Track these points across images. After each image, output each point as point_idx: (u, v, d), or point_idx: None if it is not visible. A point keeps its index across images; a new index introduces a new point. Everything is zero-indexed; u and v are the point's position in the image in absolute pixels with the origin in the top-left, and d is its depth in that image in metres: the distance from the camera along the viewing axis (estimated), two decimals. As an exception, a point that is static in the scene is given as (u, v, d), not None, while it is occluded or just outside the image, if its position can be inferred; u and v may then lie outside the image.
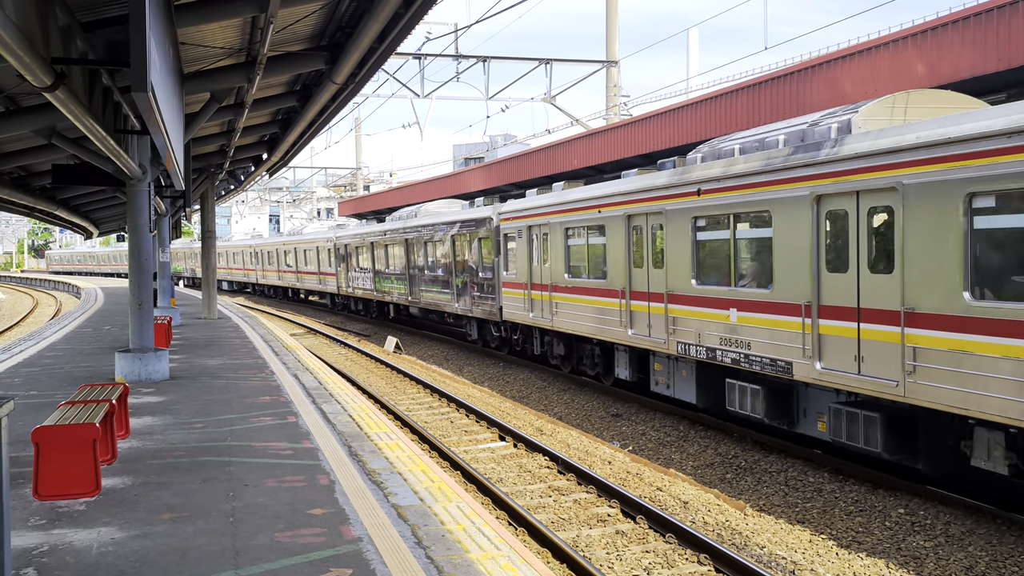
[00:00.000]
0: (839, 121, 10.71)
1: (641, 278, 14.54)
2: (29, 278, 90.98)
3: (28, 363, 15.96)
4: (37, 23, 6.50)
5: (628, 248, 14.86)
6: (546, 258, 18.09)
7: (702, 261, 12.86)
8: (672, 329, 13.53)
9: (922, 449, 9.65)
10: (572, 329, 17.03)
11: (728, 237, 12.18)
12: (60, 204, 21.88)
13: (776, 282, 11.15)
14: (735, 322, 12.02)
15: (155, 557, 5.66)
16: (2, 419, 4.15)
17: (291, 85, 14.89)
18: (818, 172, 10.35)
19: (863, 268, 9.75)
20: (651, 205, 13.97)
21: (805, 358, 10.62)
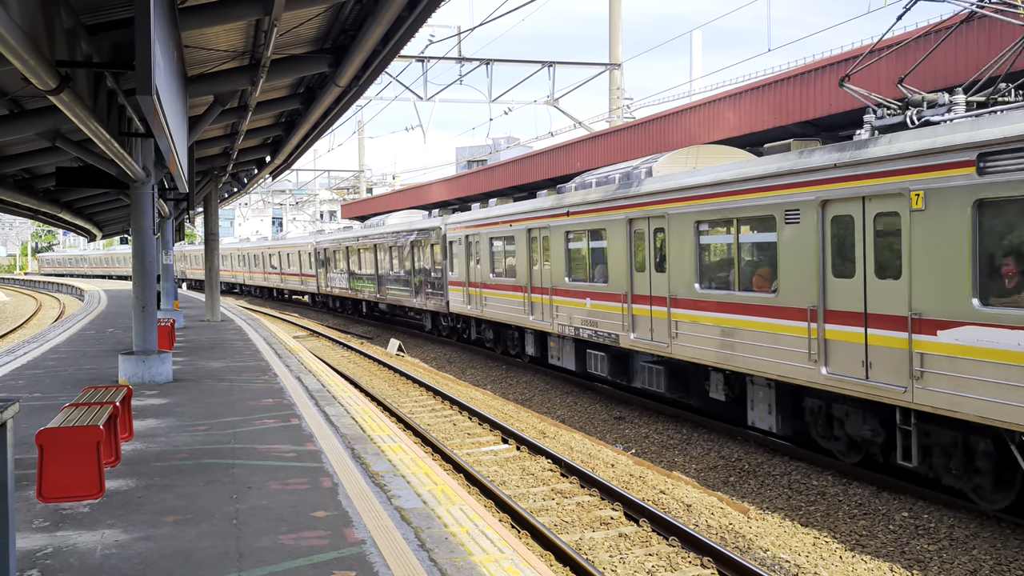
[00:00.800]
0: (647, 167, 14.95)
1: (538, 276, 18.80)
2: (33, 280, 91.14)
3: (32, 365, 15.98)
4: (42, 26, 6.51)
5: (529, 253, 19.19)
6: (477, 261, 22.30)
7: (571, 264, 17.23)
8: (555, 315, 17.90)
9: (690, 389, 14.25)
10: (497, 318, 21.25)
11: (584, 246, 16.62)
12: (64, 207, 21.92)
13: (610, 278, 15.61)
14: (590, 308, 16.45)
15: (159, 559, 5.66)
16: (7, 422, 4.16)
17: (295, 88, 14.91)
18: (630, 203, 14.77)
19: (651, 267, 14.32)
20: (541, 221, 18.41)
21: (625, 331, 15.12)
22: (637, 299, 14.75)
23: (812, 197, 10.53)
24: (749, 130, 17.75)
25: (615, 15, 27.68)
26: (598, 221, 15.83)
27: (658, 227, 14.03)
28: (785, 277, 11.10)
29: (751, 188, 11.63)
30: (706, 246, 12.89)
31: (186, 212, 28.45)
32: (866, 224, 9.82)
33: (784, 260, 11.10)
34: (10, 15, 5.37)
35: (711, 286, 12.73)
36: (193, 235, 76.98)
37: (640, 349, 14.65)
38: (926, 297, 9.03)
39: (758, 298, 11.66)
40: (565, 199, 17.29)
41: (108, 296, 43.77)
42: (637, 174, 15.00)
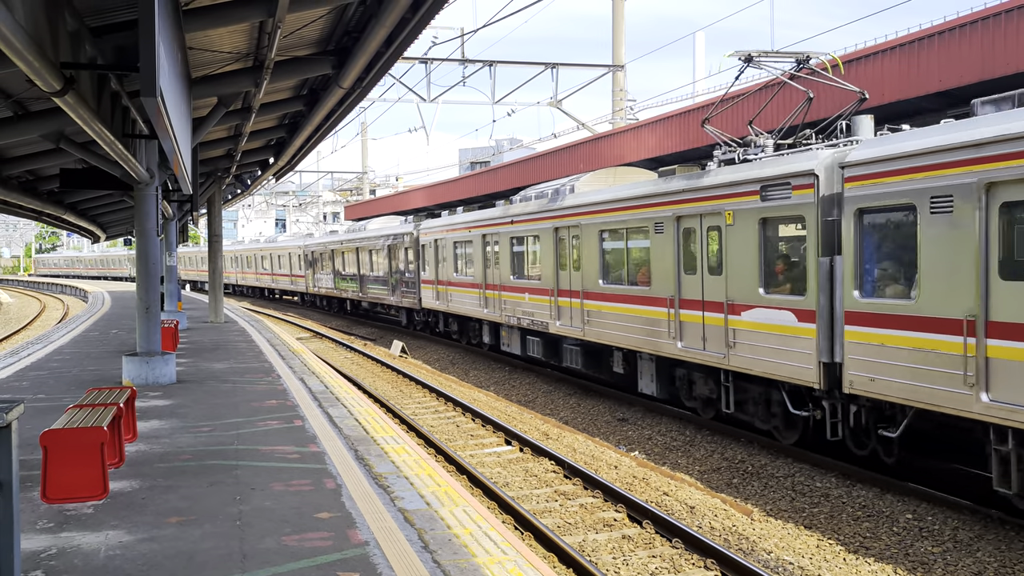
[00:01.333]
0: (571, 185, 17.95)
1: (491, 275, 21.70)
2: (36, 282, 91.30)
3: (36, 366, 16.01)
4: (46, 28, 6.53)
5: (484, 256, 22.07)
6: (445, 261, 25.16)
7: (515, 264, 20.27)
8: (503, 308, 20.87)
9: (601, 365, 17.20)
10: (460, 312, 24.31)
11: (524, 249, 19.79)
12: (68, 208, 21.96)
13: (542, 276, 18.68)
14: (528, 301, 19.41)
15: (162, 560, 5.67)
16: (12, 423, 4.17)
17: (298, 89, 14.93)
18: (555, 215, 17.96)
19: (571, 267, 17.32)
20: (492, 228, 21.48)
21: (552, 320, 18.20)
22: (561, 293, 17.91)
23: (670, 213, 13.77)
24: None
25: (618, 17, 27.68)
26: (534, 229, 19.08)
27: (575, 234, 17.18)
28: (656, 274, 14.26)
29: (635, 205, 14.79)
30: (607, 250, 16.10)
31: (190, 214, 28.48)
32: (702, 234, 13.03)
33: (654, 261, 14.26)
34: (15, 17, 5.38)
35: (611, 282, 15.91)
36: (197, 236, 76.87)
37: (564, 334, 17.86)
38: (735, 288, 12.17)
39: (640, 291, 14.77)
40: (511, 210, 20.45)
41: (112, 297, 43.83)
42: (563, 190, 18.16)
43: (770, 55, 12.97)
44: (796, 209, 11.00)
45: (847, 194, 10.14)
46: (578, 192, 17.44)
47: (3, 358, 17.77)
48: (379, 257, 31.71)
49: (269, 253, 51.70)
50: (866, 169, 9.90)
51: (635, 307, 14.85)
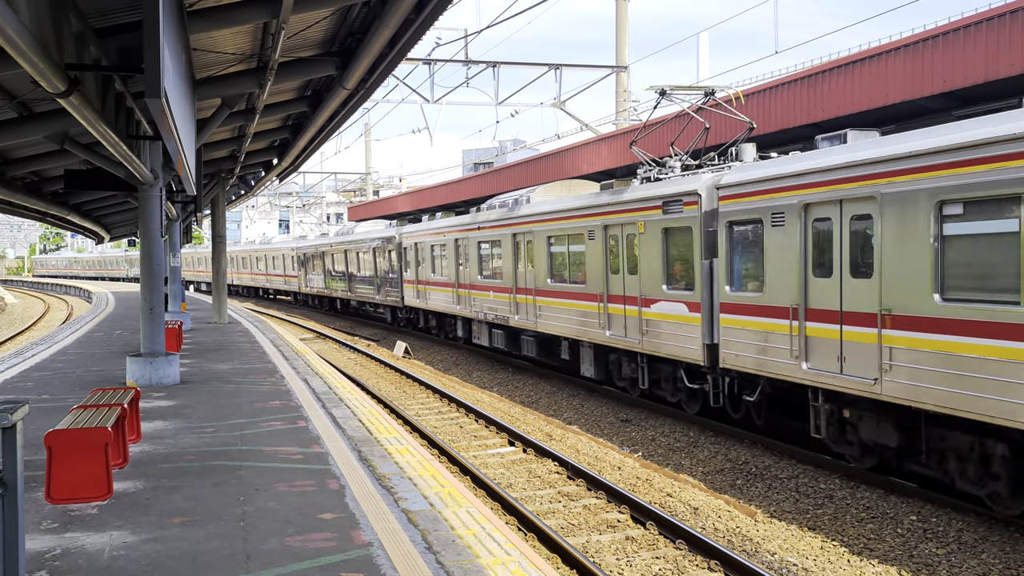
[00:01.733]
0: (527, 196, 20.61)
1: (462, 275, 24.33)
2: (41, 283, 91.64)
3: (40, 367, 16.04)
4: (51, 29, 6.54)
5: (456, 258, 24.65)
6: (424, 263, 27.81)
7: (482, 265, 22.74)
8: (472, 304, 23.46)
9: (552, 354, 19.75)
10: (438, 309, 26.74)
11: (490, 252, 22.16)
12: (72, 209, 21.99)
13: (503, 276, 21.18)
14: (493, 298, 21.87)
15: (166, 561, 5.67)
16: (17, 423, 4.17)
17: (302, 91, 14.94)
18: (513, 223, 20.52)
19: (526, 268, 19.86)
20: (463, 233, 24.02)
21: (512, 314, 20.75)
22: (519, 291, 20.44)
23: (600, 223, 16.38)
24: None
25: (622, 17, 27.68)
26: (496, 234, 21.59)
27: (529, 239, 19.70)
28: (589, 274, 16.81)
29: (574, 216, 17.42)
30: (553, 253, 18.61)
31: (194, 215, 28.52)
32: (623, 241, 15.60)
33: (588, 263, 16.85)
34: (20, 19, 5.39)
35: (556, 281, 18.43)
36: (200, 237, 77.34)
37: (522, 327, 20.34)
38: (646, 285, 14.80)
39: (578, 288, 17.36)
40: (478, 217, 22.89)
41: (116, 298, 43.90)
42: (521, 200, 20.80)
43: (681, 89, 15.74)
44: (686, 221, 13.67)
45: (720, 210, 12.84)
46: (532, 203, 20.09)
47: (8, 359, 17.80)
48: (366, 259, 34.28)
49: (264, 254, 54.19)
50: (733, 190, 12.53)
51: (575, 302, 17.63)
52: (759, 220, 11.96)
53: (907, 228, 9.54)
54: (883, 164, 9.83)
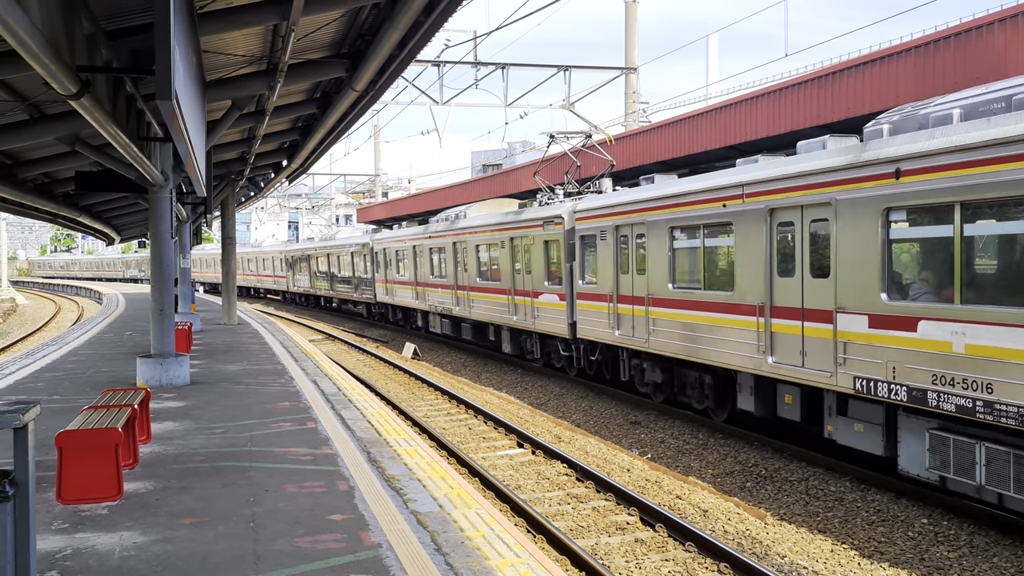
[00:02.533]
0: (464, 211, 25.36)
1: (419, 276, 28.86)
2: (52, 283, 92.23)
3: (51, 368, 16.11)
4: (63, 31, 6.57)
5: (415, 260, 29.35)
6: (391, 266, 32.26)
7: (432, 267, 27.64)
8: (427, 299, 28.19)
9: (484, 337, 24.46)
10: (402, 304, 31.35)
11: (438, 257, 26.98)
12: (83, 210, 22.08)
13: (447, 275, 26.17)
14: (441, 293, 26.79)
15: (176, 562, 5.69)
16: (28, 424, 4.19)
17: (311, 92, 14.97)
18: (453, 233, 25.27)
19: (462, 269, 24.60)
20: (419, 241, 28.80)
21: (454, 306, 25.50)
22: (459, 287, 25.15)
23: (508, 235, 21.60)
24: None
25: (631, 19, 27.66)
26: (442, 243, 26.53)
27: (464, 247, 24.67)
28: (502, 273, 21.93)
29: (493, 229, 22.53)
30: (479, 258, 23.58)
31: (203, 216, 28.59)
32: (521, 248, 20.85)
33: (502, 265, 21.96)
34: (32, 21, 5.42)
35: (483, 279, 23.33)
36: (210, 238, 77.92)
37: (461, 316, 25.29)
38: (536, 281, 20.01)
39: (495, 284, 22.46)
40: (429, 228, 27.80)
41: (126, 299, 44.06)
42: (461, 215, 25.74)
43: (563, 133, 21.64)
44: (556, 236, 19.02)
45: (577, 228, 18.14)
46: (468, 217, 24.97)
47: (19, 359, 17.88)
48: (345, 261, 39.30)
49: (255, 256, 59.24)
50: (583, 214, 17.88)
51: (495, 295, 22.56)
52: (594, 235, 17.31)
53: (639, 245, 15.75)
54: (648, 203, 15.13)
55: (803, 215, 11.23)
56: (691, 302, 13.84)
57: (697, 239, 13.74)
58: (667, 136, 22.13)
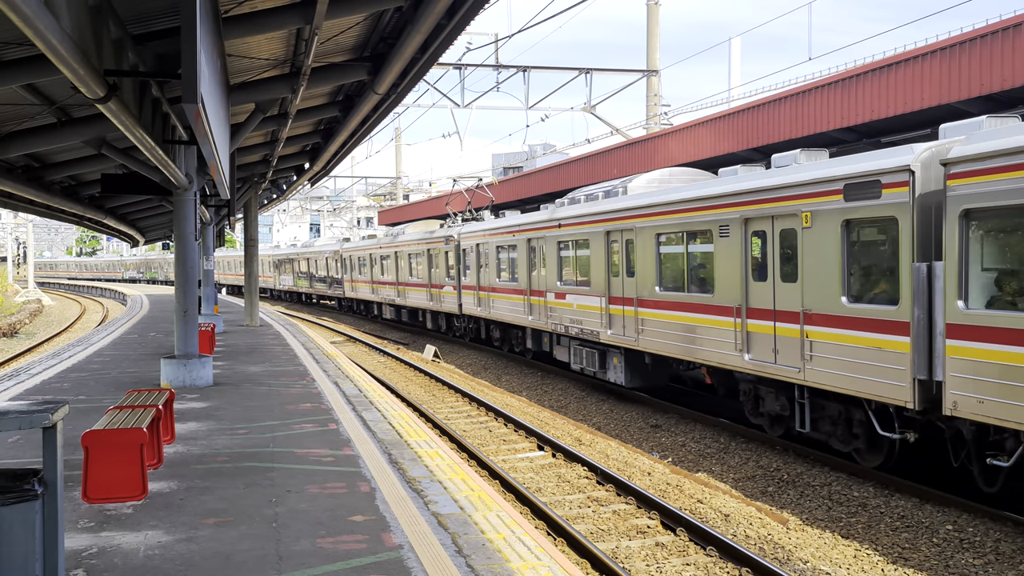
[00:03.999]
0: (404, 228, 33.82)
1: (375, 276, 37.20)
2: (77, 285, 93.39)
3: (77, 368, 16.29)
4: (91, 36, 6.66)
5: (371, 265, 37.82)
6: (355, 268, 41.04)
7: (383, 270, 35.21)
8: (380, 293, 36.21)
9: (416, 320, 34.29)
10: (362, 298, 40.37)
11: (384, 263, 36.02)
12: (108, 213, 22.32)
13: (387, 276, 35.82)
14: (388, 288, 34.82)
15: (200, 561, 5.73)
16: (57, 423, 4.24)
17: (334, 95, 15.06)
18: (393, 245, 34.15)
19: (400, 269, 33.77)
20: (375, 250, 36.33)
21: (396, 298, 34.30)
22: (400, 284, 32.88)
23: (426, 248, 29.10)
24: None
25: (653, 22, 27.60)
26: (388, 251, 34.47)
27: (399, 255, 32.64)
28: (424, 272, 29.18)
29: (413, 243, 30.71)
30: (399, 264, 32.15)
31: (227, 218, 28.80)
32: (437, 256, 28.33)
33: (423, 266, 29.02)
34: (61, 25, 5.49)
35: (413, 277, 30.42)
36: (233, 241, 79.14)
37: (401, 304, 32.86)
38: (439, 277, 28.24)
39: (419, 281, 29.58)
40: (381, 240, 35.62)
41: (150, 301, 44.47)
42: (399, 232, 33.51)
43: (462, 178, 32.07)
44: (452, 247, 26.66)
45: (461, 242, 25.35)
46: (406, 234, 32.39)
47: (45, 360, 18.10)
48: (321, 263, 48.28)
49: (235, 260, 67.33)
50: (465, 236, 25.48)
51: (423, 290, 30.34)
52: (476, 247, 24.96)
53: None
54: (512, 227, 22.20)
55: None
56: (515, 291, 21.74)
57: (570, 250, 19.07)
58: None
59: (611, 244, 17.13)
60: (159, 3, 8.22)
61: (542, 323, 20.55)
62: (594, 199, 18.40)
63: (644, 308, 15.83)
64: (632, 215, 16.17)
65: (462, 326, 28.29)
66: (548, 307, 20.08)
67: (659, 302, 15.29)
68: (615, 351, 17.24)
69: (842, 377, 10.87)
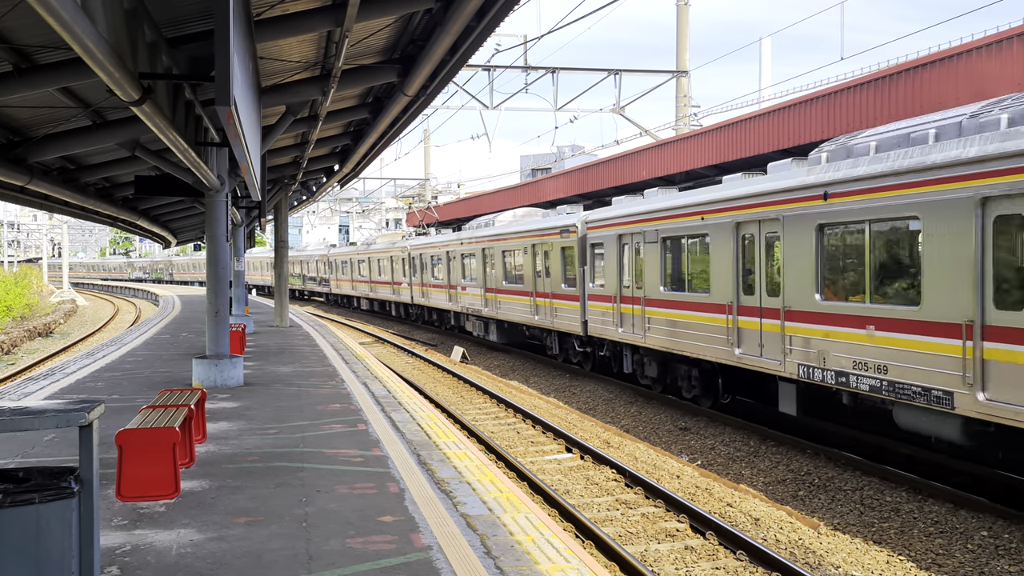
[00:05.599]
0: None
1: (354, 275, 48.05)
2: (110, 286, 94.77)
3: (110, 368, 16.51)
4: (127, 40, 6.74)
5: (351, 267, 48.14)
6: (338, 268, 50.10)
7: (362, 270, 45.98)
8: (357, 289, 47.56)
9: (386, 309, 45.97)
10: (345, 293, 50.34)
11: (359, 264, 47.83)
12: (141, 214, 22.61)
13: (363, 275, 47.36)
14: (366, 286, 45.56)
15: (231, 559, 5.78)
16: (93, 422, 4.30)
17: (363, 97, 15.14)
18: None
19: (376, 271, 44.07)
20: (355, 255, 47.44)
21: (369, 292, 45.62)
22: (373, 282, 42.11)
23: (388, 255, 40.39)
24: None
25: (682, 22, 27.47)
26: (360, 257, 45.20)
27: (370, 260, 42.45)
28: (390, 274, 40.09)
29: (382, 251, 41.71)
30: (369, 267, 43.64)
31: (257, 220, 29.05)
32: (399, 261, 38.54)
33: (395, 268, 39.53)
34: (97, 29, 5.57)
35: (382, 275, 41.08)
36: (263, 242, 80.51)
37: (376, 297, 42.77)
38: (396, 275, 40.36)
39: (386, 279, 40.39)
40: (358, 248, 44.58)
41: (182, 301, 44.98)
42: (371, 241, 43.55)
43: (420, 199, 43.66)
44: (405, 255, 36.94)
45: (411, 253, 35.78)
46: (377, 244, 40.71)
47: (80, 359, 18.37)
48: (311, 265, 58.24)
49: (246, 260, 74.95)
50: (415, 247, 35.68)
51: (387, 286, 39.08)
52: (420, 256, 34.27)
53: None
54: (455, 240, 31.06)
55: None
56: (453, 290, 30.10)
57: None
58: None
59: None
60: (192, 6, 8.31)
61: (456, 307, 30.55)
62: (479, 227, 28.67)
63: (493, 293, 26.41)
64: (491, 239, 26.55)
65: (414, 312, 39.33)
66: (457, 297, 30.38)
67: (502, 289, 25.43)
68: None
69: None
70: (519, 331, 26.85)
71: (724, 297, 14.22)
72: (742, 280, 13.81)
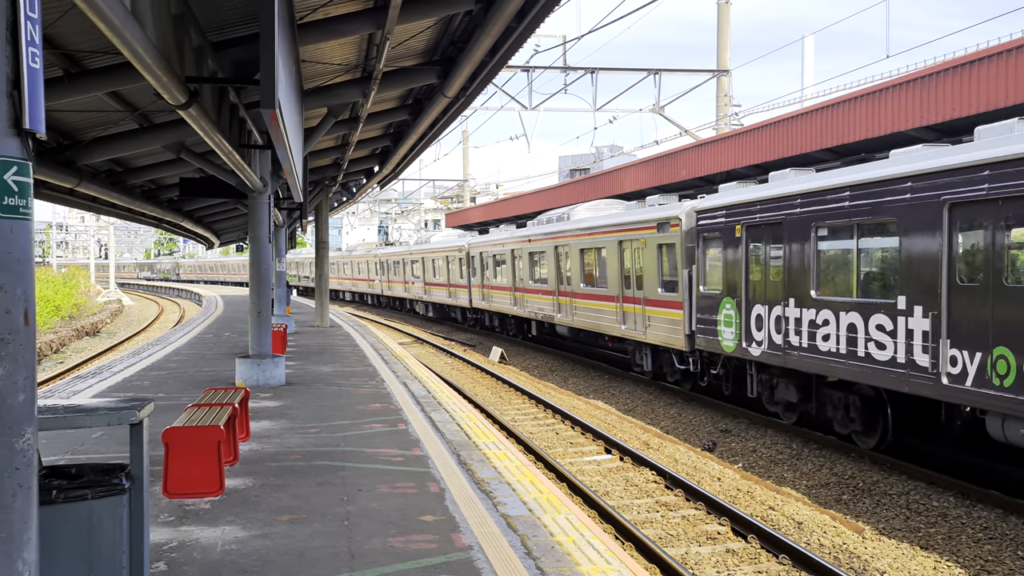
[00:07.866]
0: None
1: (351, 274, 59.71)
2: (155, 286, 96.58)
3: (156, 367, 16.79)
4: (174, 44, 6.86)
5: (350, 268, 60.85)
6: (339, 269, 61.12)
7: (375, 272, 53.05)
8: (357, 286, 59.14)
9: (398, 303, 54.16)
10: (349, 289, 60.51)
11: (355, 266, 58.51)
12: (185, 215, 22.97)
13: (360, 277, 58.02)
14: (376, 283, 52.75)
15: (275, 557, 5.85)
16: (143, 420, 4.38)
17: (403, 99, 15.23)
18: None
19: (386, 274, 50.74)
20: (354, 259, 57.98)
21: (377, 289, 54.54)
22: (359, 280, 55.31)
23: (376, 261, 51.20)
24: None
25: (723, 21, 27.22)
26: (358, 261, 55.41)
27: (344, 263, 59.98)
28: (370, 274, 53.06)
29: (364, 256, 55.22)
30: (370, 268, 52.22)
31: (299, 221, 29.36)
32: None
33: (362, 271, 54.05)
34: (147, 34, 5.67)
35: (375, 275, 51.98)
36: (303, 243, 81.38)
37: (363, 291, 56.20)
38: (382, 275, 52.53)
39: (364, 279, 54.35)
40: (359, 251, 55.91)
41: (224, 302, 45.62)
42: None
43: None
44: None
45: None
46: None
47: (126, 358, 18.71)
48: (305, 269, 64.42)
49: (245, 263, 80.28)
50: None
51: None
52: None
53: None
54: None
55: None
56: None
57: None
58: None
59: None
60: (237, 11, 8.42)
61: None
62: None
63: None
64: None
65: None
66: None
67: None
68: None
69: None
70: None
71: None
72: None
